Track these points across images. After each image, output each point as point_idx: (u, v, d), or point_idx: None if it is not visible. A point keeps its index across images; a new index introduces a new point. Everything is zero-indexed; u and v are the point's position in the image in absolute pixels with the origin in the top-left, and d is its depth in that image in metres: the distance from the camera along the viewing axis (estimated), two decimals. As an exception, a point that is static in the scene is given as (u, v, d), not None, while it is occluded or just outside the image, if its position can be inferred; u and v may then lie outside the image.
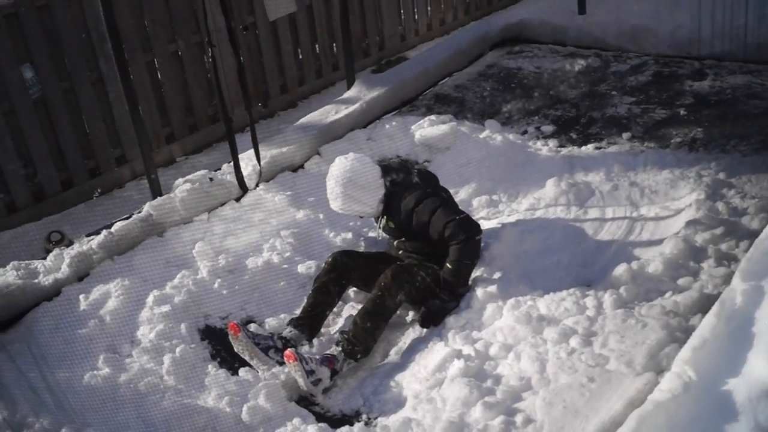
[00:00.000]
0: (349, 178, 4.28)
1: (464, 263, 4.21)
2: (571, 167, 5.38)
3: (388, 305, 4.08)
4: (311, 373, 3.84)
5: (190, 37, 6.97)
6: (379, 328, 4.07)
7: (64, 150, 6.26)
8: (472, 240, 4.20)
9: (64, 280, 4.59)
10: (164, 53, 6.79)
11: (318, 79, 8.16)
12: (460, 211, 4.31)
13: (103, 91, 6.46)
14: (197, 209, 5.07)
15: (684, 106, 6.10)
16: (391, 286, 4.09)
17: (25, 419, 3.72)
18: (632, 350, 3.50)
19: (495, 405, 3.41)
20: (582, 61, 7.26)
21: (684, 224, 4.41)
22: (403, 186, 4.38)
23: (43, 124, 6.11)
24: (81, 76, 6.23)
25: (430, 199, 4.29)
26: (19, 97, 5.88)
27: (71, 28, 6.13)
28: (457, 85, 7.00)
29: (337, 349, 3.99)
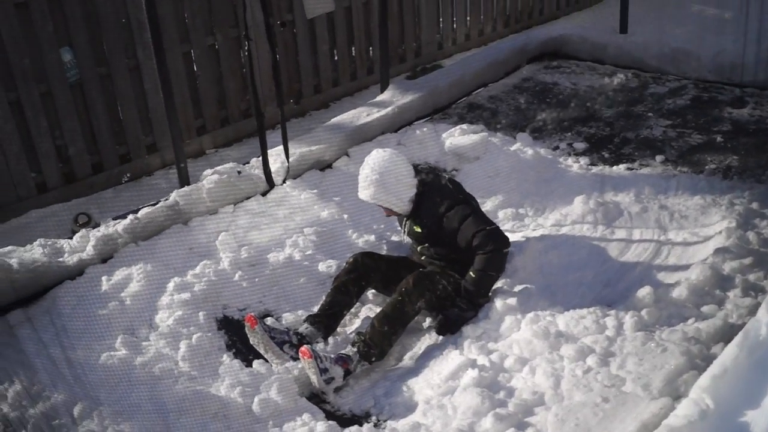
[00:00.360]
0: (386, 168, 4.30)
1: (488, 274, 4.21)
2: (601, 186, 5.36)
3: (407, 311, 4.09)
4: (324, 371, 3.85)
5: (228, 31, 7.03)
6: (397, 333, 4.07)
7: (97, 134, 6.34)
8: (500, 252, 4.21)
9: (88, 260, 4.65)
10: (202, 45, 6.86)
11: (352, 82, 8.19)
12: (491, 221, 4.31)
13: (138, 79, 6.52)
14: (223, 201, 5.11)
15: (721, 133, 6.06)
16: (412, 292, 4.10)
17: (41, 392, 3.78)
18: (650, 374, 3.47)
19: (506, 417, 3.39)
20: (620, 80, 7.22)
21: (712, 251, 4.36)
22: (435, 188, 4.41)
23: (78, 108, 6.18)
24: (118, 62, 6.31)
25: (462, 205, 4.30)
26: (56, 79, 5.96)
27: (111, 15, 6.21)
28: (491, 96, 7.01)
29: (353, 350, 4.00)
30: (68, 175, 6.27)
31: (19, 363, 3.98)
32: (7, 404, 3.71)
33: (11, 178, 5.86)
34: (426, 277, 4.20)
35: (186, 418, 3.69)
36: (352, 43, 8.13)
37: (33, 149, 5.98)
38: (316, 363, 3.83)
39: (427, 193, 4.39)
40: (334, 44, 7.95)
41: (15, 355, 4.06)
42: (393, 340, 4.07)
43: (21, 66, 5.73)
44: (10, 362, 3.99)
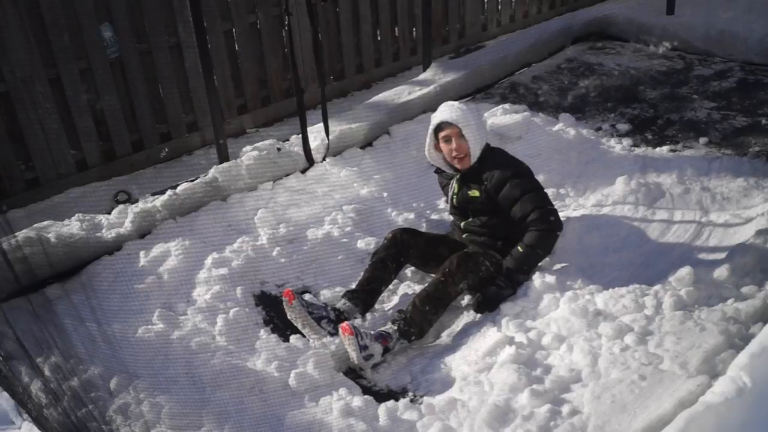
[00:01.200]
0: (472, 108, 4.48)
1: (536, 251, 4.24)
2: (643, 167, 5.36)
3: (449, 292, 4.13)
4: (364, 348, 3.90)
5: (270, 8, 7.11)
6: (437, 313, 4.11)
7: (137, 112, 6.43)
8: (553, 233, 4.25)
9: (127, 235, 4.75)
10: (243, 23, 6.94)
11: (395, 62, 8.24)
12: (551, 202, 4.35)
13: (179, 57, 6.62)
14: (262, 177, 5.20)
15: (766, 116, 6.02)
16: (456, 273, 4.13)
17: (78, 365, 3.87)
18: (687, 352, 3.48)
19: (542, 393, 3.43)
20: (665, 61, 7.19)
21: (754, 233, 4.35)
22: (502, 155, 4.47)
23: (118, 85, 6.28)
24: (159, 40, 6.40)
25: (529, 179, 4.35)
26: (96, 56, 6.06)
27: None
28: (534, 76, 7.03)
29: (393, 328, 4.04)
30: (108, 153, 6.38)
31: (57, 337, 4.06)
32: (45, 377, 3.79)
33: (51, 156, 5.99)
34: (470, 257, 4.23)
35: (222, 392, 3.76)
36: (396, 23, 8.18)
37: (73, 127, 6.09)
38: (357, 340, 3.88)
39: (495, 156, 4.42)
40: (377, 24, 8.00)
41: (52, 329, 4.13)
42: (433, 320, 4.11)
43: (61, 42, 5.82)
44: (48, 336, 4.10)
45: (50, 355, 3.93)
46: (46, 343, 4.03)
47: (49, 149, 5.95)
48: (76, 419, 3.69)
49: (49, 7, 5.73)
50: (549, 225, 4.22)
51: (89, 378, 3.83)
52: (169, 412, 3.64)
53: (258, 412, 3.70)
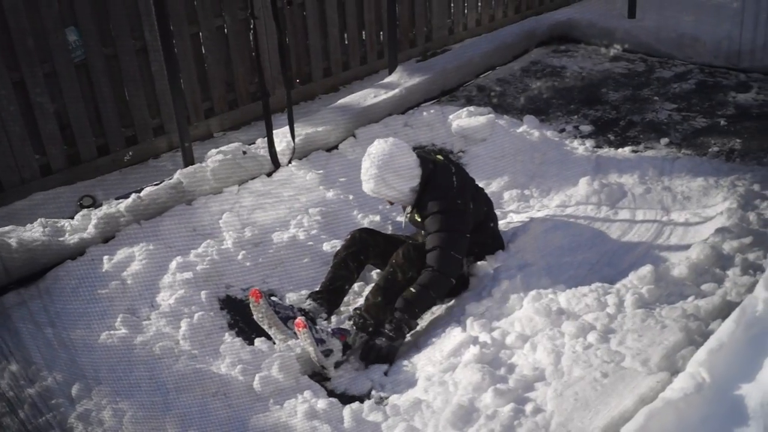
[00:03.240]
0: (386, 161, 4.19)
1: (428, 293, 4.09)
2: (605, 168, 5.40)
3: (399, 281, 4.12)
4: (321, 342, 3.88)
5: (236, 12, 7.07)
6: (391, 302, 4.09)
7: (103, 116, 6.34)
8: (446, 278, 4.11)
9: (90, 240, 4.69)
10: (210, 27, 6.89)
11: (362, 65, 8.21)
12: (456, 245, 4.15)
13: (146, 61, 6.54)
14: (228, 181, 5.16)
15: (725, 117, 6.10)
16: (403, 263, 4.14)
17: (39, 372, 3.83)
18: (648, 349, 3.51)
19: (506, 392, 3.44)
20: (627, 64, 7.27)
21: (713, 231, 4.41)
22: (436, 183, 4.28)
23: (83, 89, 6.19)
24: (125, 43, 6.31)
25: (449, 216, 4.18)
26: (61, 59, 5.96)
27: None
28: (499, 79, 7.06)
29: (350, 324, 4.06)
30: (73, 157, 6.29)
31: (17, 343, 4.03)
32: (4, 384, 3.75)
33: (15, 160, 5.88)
34: (416, 249, 4.22)
35: (186, 396, 3.73)
36: (363, 27, 8.17)
37: (37, 131, 5.99)
38: (311, 333, 3.87)
39: (435, 184, 4.27)
40: (345, 27, 7.98)
41: (11, 336, 4.10)
42: (388, 311, 4.10)
43: (25, 46, 5.73)
44: (7, 342, 4.03)
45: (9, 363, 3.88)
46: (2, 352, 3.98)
47: (12, 153, 5.85)
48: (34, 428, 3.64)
49: (12, 9, 5.63)
50: (443, 268, 4.09)
51: (49, 385, 3.78)
52: (132, 418, 3.61)
53: (222, 416, 3.68)
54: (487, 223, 4.47)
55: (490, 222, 4.51)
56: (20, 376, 3.83)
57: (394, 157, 4.22)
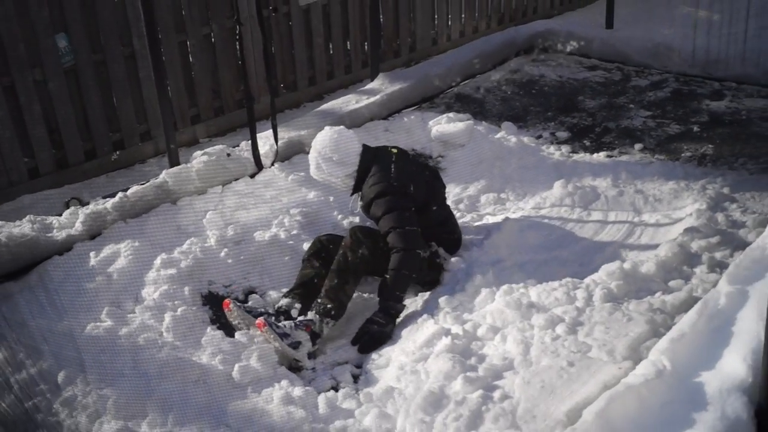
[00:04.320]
0: (322, 147, 4.51)
1: (402, 273, 4.25)
2: (580, 172, 5.58)
3: (351, 260, 4.28)
4: (285, 336, 4.00)
5: (224, 21, 7.21)
6: (348, 282, 4.26)
7: (91, 121, 6.46)
8: (412, 252, 4.26)
9: (77, 236, 4.81)
10: (197, 35, 7.03)
11: (347, 75, 8.36)
12: (408, 221, 4.33)
13: (134, 68, 6.67)
14: (212, 181, 5.30)
15: (698, 124, 6.30)
16: (351, 243, 4.31)
17: (24, 361, 3.95)
18: (614, 341, 3.65)
19: (475, 380, 3.56)
20: (604, 73, 7.49)
21: (682, 231, 4.56)
22: (376, 169, 4.48)
23: (72, 94, 6.31)
24: (114, 50, 6.44)
25: (390, 197, 4.37)
26: (51, 64, 6.08)
27: (108, 2, 6.33)
28: (478, 87, 7.26)
29: (311, 314, 4.19)
30: (61, 161, 6.39)
31: (3, 333, 4.14)
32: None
33: (3, 164, 5.98)
34: (361, 230, 4.41)
35: (167, 383, 3.84)
36: (348, 37, 8.33)
37: (26, 135, 6.09)
38: (273, 329, 4.00)
39: (369, 172, 4.50)
40: (330, 37, 8.14)
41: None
42: (347, 291, 4.26)
43: (15, 51, 5.84)
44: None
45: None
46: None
47: (1, 157, 5.96)
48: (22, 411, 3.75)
49: (3, 16, 5.76)
50: (406, 244, 4.26)
51: (37, 372, 3.89)
52: (115, 403, 3.73)
53: (201, 402, 3.79)
54: (428, 206, 4.57)
55: (432, 205, 4.60)
56: (8, 363, 3.94)
57: (332, 144, 4.50)
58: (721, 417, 2.92)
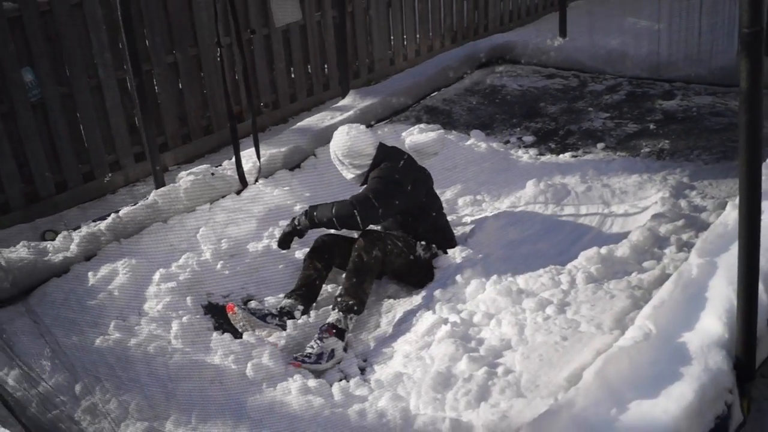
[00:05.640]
0: (339, 143, 4.95)
1: (331, 210, 4.68)
2: (549, 172, 6.05)
3: (366, 261, 4.61)
4: (321, 357, 4.31)
5: (187, 49, 7.58)
6: (366, 281, 4.59)
7: (60, 153, 6.69)
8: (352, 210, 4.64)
9: (73, 258, 5.04)
10: (162, 64, 7.36)
11: (309, 97, 8.80)
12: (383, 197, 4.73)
13: (100, 99, 6.97)
14: (200, 199, 5.59)
15: (654, 122, 6.89)
16: (365, 245, 4.64)
17: (40, 375, 4.12)
18: (601, 315, 4.08)
19: (479, 359, 3.95)
20: (562, 80, 8.08)
21: (650, 217, 5.06)
22: (385, 165, 4.91)
23: (40, 127, 6.53)
24: (80, 81, 6.71)
25: (384, 179, 4.81)
26: (18, 99, 6.30)
27: (73, 35, 6.60)
28: (445, 99, 7.75)
29: (334, 312, 4.50)
30: (30, 194, 6.60)
31: (16, 352, 4.30)
32: (8, 387, 3.97)
33: (-27, 200, 6.14)
34: (372, 233, 4.76)
35: (185, 385, 4.08)
36: (308, 61, 8.77)
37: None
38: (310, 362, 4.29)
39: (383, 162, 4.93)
40: (291, 61, 8.57)
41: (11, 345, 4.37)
42: (366, 288, 4.59)
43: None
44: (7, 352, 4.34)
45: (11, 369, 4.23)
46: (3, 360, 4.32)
47: (-30, 193, 6.12)
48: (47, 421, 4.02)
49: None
50: (357, 204, 4.66)
51: (53, 385, 4.05)
52: (137, 407, 3.94)
53: (220, 400, 4.05)
54: (427, 212, 5.00)
55: (431, 212, 5.02)
56: (23, 379, 4.19)
57: (348, 140, 4.93)
58: (704, 369, 3.34)
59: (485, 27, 11.03)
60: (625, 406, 3.22)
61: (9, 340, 4.48)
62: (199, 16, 7.65)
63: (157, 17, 7.27)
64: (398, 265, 4.81)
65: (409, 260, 4.83)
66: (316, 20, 8.71)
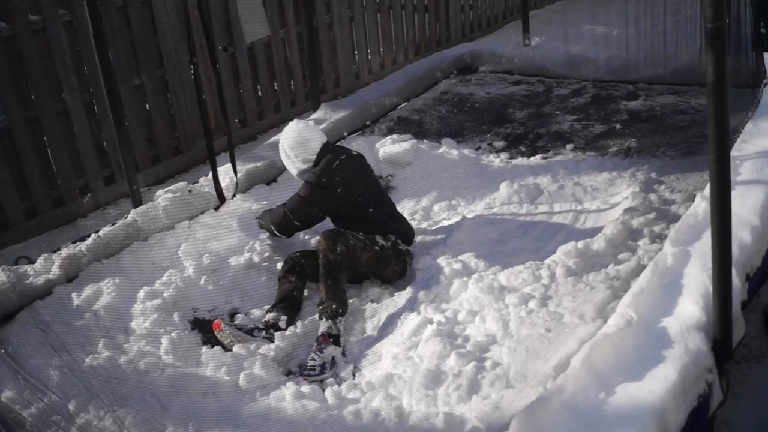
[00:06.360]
0: (285, 140, 5.35)
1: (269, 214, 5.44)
2: (521, 174, 6.26)
3: (333, 259, 4.79)
4: (324, 366, 4.47)
5: (153, 70, 7.70)
6: (340, 279, 4.78)
7: (28, 180, 6.72)
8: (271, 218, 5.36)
9: (55, 280, 5.11)
10: (128, 86, 7.46)
11: (277, 114, 8.96)
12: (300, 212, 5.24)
13: (67, 123, 7.06)
14: (178, 217, 5.69)
15: (619, 122, 7.16)
16: (327, 245, 4.83)
17: (32, 396, 4.18)
18: (582, 306, 4.29)
19: (466, 354, 4.12)
20: (528, 86, 8.35)
21: (622, 211, 5.29)
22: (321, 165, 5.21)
23: (7, 154, 6.57)
24: (46, 106, 6.75)
25: (308, 186, 5.22)
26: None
27: (37, 59, 6.65)
28: (414, 109, 7.96)
29: (321, 321, 4.65)
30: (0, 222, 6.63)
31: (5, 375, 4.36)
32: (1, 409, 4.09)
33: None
34: (330, 231, 4.96)
35: (179, 398, 4.19)
36: (274, 77, 8.94)
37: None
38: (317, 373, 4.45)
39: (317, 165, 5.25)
40: (257, 78, 8.73)
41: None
42: (342, 286, 4.77)
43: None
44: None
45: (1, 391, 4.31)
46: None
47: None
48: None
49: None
50: (274, 216, 5.34)
51: (47, 404, 4.11)
52: (133, 421, 4.04)
53: (216, 410, 4.19)
54: (364, 210, 5.21)
55: (368, 208, 5.21)
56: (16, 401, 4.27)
57: (295, 133, 5.34)
58: (685, 351, 3.54)
59: (447, 38, 11.30)
60: (613, 390, 3.38)
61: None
62: (164, 38, 7.78)
63: (122, 40, 7.37)
64: (366, 258, 5.00)
65: (375, 251, 5.01)
66: (281, 37, 8.88)
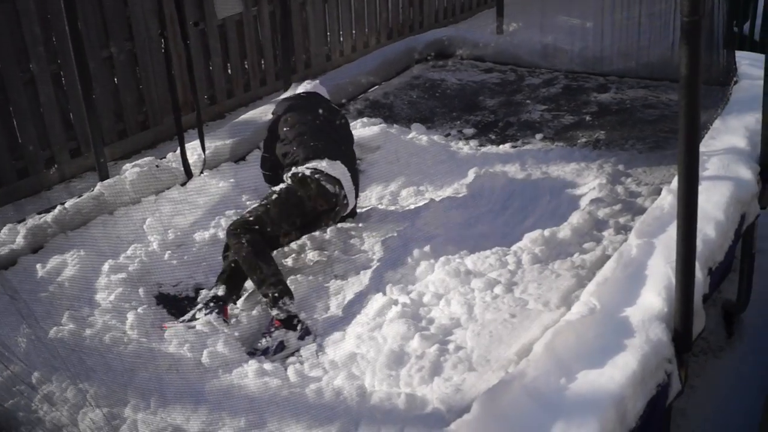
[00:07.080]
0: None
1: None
2: (490, 161, 6.32)
3: (246, 254, 4.75)
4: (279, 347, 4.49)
5: (123, 43, 7.66)
6: (261, 268, 4.70)
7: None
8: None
9: (20, 251, 5.12)
10: (97, 58, 7.43)
11: (246, 93, 8.96)
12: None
13: (34, 93, 7.04)
14: (145, 191, 5.71)
15: (589, 114, 7.25)
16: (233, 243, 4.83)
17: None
18: (548, 294, 4.36)
19: (430, 337, 4.17)
20: (499, 74, 8.41)
21: (588, 202, 5.39)
22: None
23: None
24: (12, 76, 6.75)
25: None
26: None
27: (4, 27, 6.64)
28: (385, 93, 7.99)
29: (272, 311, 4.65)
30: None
31: None
32: None
33: None
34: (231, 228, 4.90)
35: (142, 373, 4.20)
36: (245, 56, 8.92)
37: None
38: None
39: None
40: (227, 56, 8.71)
41: None
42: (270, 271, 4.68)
43: None
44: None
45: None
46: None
47: None
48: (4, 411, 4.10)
49: None
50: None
51: (10, 375, 4.10)
52: (95, 394, 4.06)
53: (178, 386, 4.22)
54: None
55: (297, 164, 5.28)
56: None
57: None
58: (646, 341, 3.62)
59: (420, 23, 11.34)
60: (574, 376, 3.45)
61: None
62: (134, 11, 7.74)
63: (92, 11, 7.33)
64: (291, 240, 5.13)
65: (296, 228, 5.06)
66: (253, 15, 8.86)
